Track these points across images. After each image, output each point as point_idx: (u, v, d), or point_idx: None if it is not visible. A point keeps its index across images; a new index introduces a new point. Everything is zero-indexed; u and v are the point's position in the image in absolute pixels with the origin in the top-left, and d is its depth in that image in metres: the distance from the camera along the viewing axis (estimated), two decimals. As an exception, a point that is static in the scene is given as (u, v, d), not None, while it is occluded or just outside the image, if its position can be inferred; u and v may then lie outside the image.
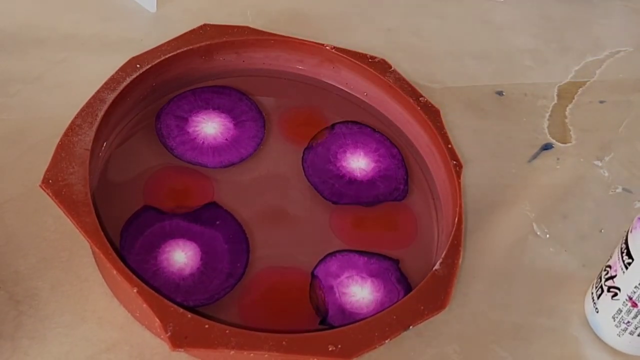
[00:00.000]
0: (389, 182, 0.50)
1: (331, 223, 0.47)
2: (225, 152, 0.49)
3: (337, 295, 0.43)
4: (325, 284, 0.44)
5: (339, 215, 0.47)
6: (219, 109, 0.51)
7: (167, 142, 0.48)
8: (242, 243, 0.45)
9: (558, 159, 0.57)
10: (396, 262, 0.45)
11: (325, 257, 0.45)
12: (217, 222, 0.45)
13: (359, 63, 0.53)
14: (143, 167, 0.47)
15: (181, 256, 0.43)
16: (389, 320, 0.40)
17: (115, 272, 0.38)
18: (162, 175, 0.47)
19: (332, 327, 0.41)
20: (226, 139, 0.50)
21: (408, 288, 0.44)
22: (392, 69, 0.53)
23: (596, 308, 0.45)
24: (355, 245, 0.46)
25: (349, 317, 0.42)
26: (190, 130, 0.49)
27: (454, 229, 0.44)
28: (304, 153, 0.50)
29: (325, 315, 0.42)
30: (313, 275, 0.44)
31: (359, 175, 0.50)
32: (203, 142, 0.49)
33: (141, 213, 0.44)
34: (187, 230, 0.44)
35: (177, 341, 0.36)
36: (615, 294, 0.43)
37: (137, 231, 0.43)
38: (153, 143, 0.48)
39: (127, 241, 0.43)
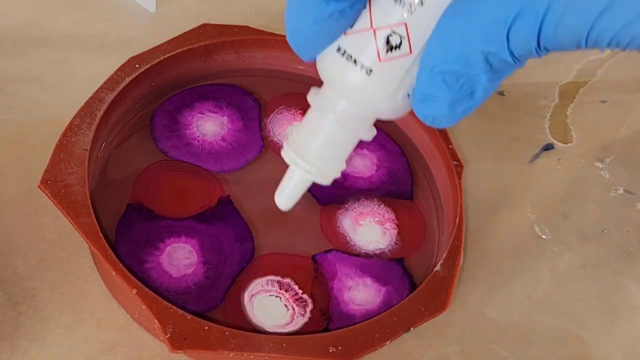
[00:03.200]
0: (394, 182, 0.50)
1: (323, 224, 0.47)
2: (228, 157, 0.48)
3: (339, 296, 0.43)
4: (329, 281, 0.43)
5: (338, 216, 0.47)
6: (220, 108, 0.51)
7: (159, 145, 0.48)
8: (249, 242, 0.45)
9: (559, 159, 0.56)
10: (400, 260, 0.45)
11: (326, 255, 0.45)
12: (229, 220, 0.45)
13: (360, 63, 0.52)
14: (142, 167, 0.47)
15: (183, 258, 0.43)
16: (390, 322, 0.39)
17: (114, 273, 0.38)
18: (162, 175, 0.47)
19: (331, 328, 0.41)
20: (225, 141, 0.49)
21: (412, 285, 0.44)
22: (393, 69, 0.53)
23: None
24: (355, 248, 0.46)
25: (351, 319, 0.42)
26: (188, 132, 0.49)
27: (455, 229, 0.44)
28: None
29: (329, 321, 0.42)
30: (316, 274, 0.44)
31: (361, 175, 0.50)
32: (202, 147, 0.48)
33: (136, 212, 0.44)
34: (190, 230, 0.44)
35: (177, 343, 0.36)
36: None
37: (131, 230, 0.43)
38: (152, 143, 0.48)
39: (120, 240, 0.42)
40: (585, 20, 0.24)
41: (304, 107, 0.53)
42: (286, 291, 0.43)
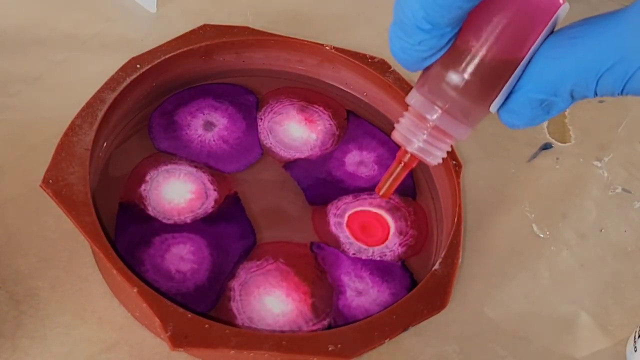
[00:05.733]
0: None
1: (316, 225, 0.47)
2: (230, 160, 0.48)
3: (339, 293, 0.43)
4: (329, 278, 0.44)
5: (330, 218, 0.48)
6: (221, 108, 0.51)
7: (157, 145, 0.48)
8: (251, 241, 0.45)
9: (557, 158, 0.57)
10: (401, 260, 0.46)
11: (325, 247, 0.45)
12: (235, 218, 0.45)
13: (359, 63, 0.53)
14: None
15: (184, 257, 0.43)
16: (389, 320, 0.40)
17: (115, 272, 0.38)
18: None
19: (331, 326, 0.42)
20: (226, 142, 0.50)
21: (412, 283, 0.44)
22: (392, 69, 0.53)
23: (635, 347, 0.44)
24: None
25: (352, 316, 0.42)
26: (187, 133, 0.49)
27: (454, 228, 0.44)
28: (290, 162, 0.50)
29: (329, 318, 0.42)
30: (317, 270, 0.44)
31: (361, 175, 0.50)
32: (201, 148, 0.49)
33: (130, 210, 0.44)
34: (193, 229, 0.44)
35: (177, 341, 0.36)
36: None
37: (130, 229, 0.43)
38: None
39: (119, 239, 0.43)
40: None
41: (296, 98, 0.53)
42: (286, 285, 0.43)
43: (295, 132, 0.51)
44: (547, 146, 0.57)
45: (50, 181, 0.40)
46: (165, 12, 0.60)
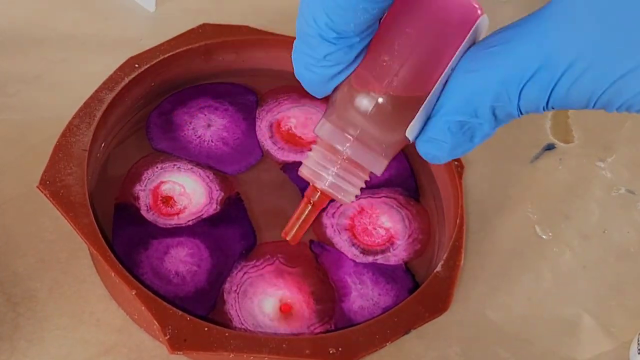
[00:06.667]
0: (398, 182, 0.49)
1: (314, 227, 0.46)
2: (231, 161, 0.48)
3: (341, 296, 0.43)
4: (330, 279, 0.43)
5: (325, 222, 0.47)
6: (220, 108, 0.51)
7: (154, 145, 0.48)
8: (252, 242, 0.44)
9: (560, 159, 0.56)
10: (404, 262, 0.45)
11: (325, 246, 0.45)
12: (236, 219, 0.45)
13: (360, 63, 0.52)
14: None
15: (184, 260, 0.42)
16: (390, 323, 0.39)
17: (113, 274, 0.38)
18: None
19: (332, 330, 0.41)
20: (227, 144, 0.49)
21: (414, 285, 0.44)
22: (393, 68, 0.52)
23: (638, 349, 0.44)
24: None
25: (353, 319, 0.42)
26: (186, 133, 0.49)
27: (456, 230, 0.44)
28: (289, 164, 0.49)
29: (331, 321, 0.42)
30: (318, 271, 0.44)
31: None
32: (199, 149, 0.48)
33: (126, 211, 0.44)
34: (194, 231, 0.44)
35: (176, 344, 0.36)
36: None
37: (128, 231, 0.43)
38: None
39: (117, 241, 0.42)
40: (600, 84, 0.24)
41: (297, 97, 0.53)
42: (286, 286, 0.42)
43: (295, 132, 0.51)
44: (550, 147, 0.57)
45: (48, 182, 0.40)
46: (164, 11, 0.59)
